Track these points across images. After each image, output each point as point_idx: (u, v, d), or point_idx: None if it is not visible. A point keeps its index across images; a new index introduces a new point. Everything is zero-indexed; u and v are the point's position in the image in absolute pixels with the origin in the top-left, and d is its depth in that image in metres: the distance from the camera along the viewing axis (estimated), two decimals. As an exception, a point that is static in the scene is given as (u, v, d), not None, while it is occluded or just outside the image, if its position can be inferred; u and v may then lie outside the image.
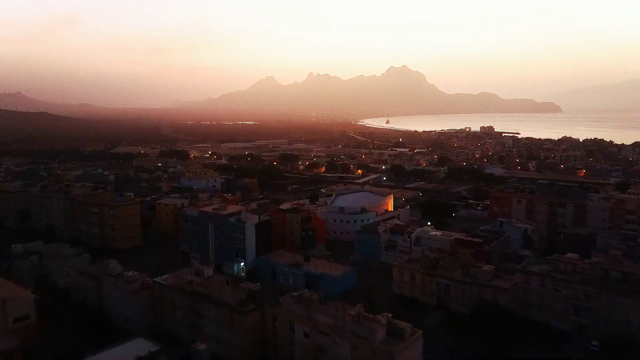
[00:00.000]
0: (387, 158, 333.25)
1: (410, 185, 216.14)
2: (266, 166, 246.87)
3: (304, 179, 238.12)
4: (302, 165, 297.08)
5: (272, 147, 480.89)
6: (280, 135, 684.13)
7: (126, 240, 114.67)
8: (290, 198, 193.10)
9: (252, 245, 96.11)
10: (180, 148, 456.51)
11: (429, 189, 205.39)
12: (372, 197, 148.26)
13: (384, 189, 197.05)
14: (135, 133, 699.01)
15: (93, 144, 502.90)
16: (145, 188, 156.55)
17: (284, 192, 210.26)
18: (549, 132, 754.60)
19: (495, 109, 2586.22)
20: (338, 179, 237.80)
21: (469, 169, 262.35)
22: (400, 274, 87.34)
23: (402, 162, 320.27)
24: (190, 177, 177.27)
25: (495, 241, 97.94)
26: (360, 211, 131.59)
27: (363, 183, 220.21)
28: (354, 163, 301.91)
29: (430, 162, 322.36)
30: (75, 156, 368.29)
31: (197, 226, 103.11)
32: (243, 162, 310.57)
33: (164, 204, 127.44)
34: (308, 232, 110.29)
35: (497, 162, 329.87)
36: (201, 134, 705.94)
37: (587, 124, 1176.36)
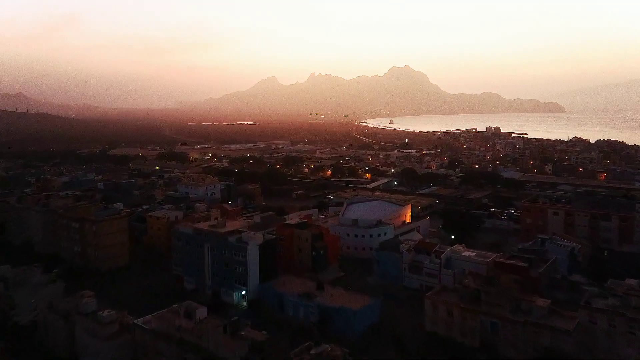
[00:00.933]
0: (396, 160, 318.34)
1: (423, 191, 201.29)
2: (269, 170, 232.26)
3: (309, 183, 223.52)
4: (307, 168, 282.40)
5: (274, 149, 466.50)
6: (282, 136, 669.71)
7: (111, 260, 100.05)
8: (296, 205, 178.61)
9: (255, 271, 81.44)
10: (180, 149, 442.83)
11: (444, 195, 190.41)
12: (387, 207, 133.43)
13: (397, 196, 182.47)
14: (136, 134, 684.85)
15: (91, 145, 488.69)
16: (138, 197, 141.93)
17: (289, 199, 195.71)
18: (557, 133, 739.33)
19: (498, 109, 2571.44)
20: (346, 183, 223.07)
21: (485, 172, 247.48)
22: (434, 307, 72.57)
23: (411, 165, 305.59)
24: (187, 183, 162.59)
25: (543, 265, 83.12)
26: (376, 224, 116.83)
27: (373, 188, 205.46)
28: (361, 166, 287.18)
29: (441, 165, 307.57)
30: (71, 158, 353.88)
31: (192, 246, 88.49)
32: (245, 165, 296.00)
33: (155, 217, 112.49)
34: (319, 251, 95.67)
35: (510, 164, 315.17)
36: (202, 134, 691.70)
37: (593, 124, 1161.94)
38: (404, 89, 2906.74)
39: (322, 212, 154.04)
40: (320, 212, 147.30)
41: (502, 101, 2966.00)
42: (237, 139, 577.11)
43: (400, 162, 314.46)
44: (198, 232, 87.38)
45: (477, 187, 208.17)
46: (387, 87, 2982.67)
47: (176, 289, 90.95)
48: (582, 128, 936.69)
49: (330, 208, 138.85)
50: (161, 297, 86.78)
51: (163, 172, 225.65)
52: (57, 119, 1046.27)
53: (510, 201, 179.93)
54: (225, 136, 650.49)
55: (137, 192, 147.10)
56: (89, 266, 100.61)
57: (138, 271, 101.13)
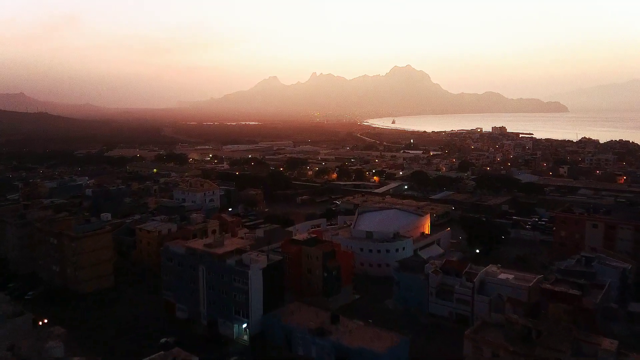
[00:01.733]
0: (403, 162, 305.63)
1: (436, 197, 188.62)
2: (272, 173, 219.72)
3: (314, 188, 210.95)
4: (311, 170, 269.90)
5: (276, 149, 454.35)
6: (284, 136, 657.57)
7: (93, 280, 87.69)
8: (301, 212, 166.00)
9: (258, 299, 68.96)
10: (179, 150, 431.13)
11: (460, 201, 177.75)
12: (404, 217, 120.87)
13: (409, 202, 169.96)
14: (136, 134, 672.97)
15: (90, 146, 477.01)
16: (129, 205, 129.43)
17: (293, 204, 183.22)
18: (563, 133, 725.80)
19: (500, 109, 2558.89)
20: (353, 187, 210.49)
21: (499, 176, 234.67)
22: (475, 348, 60.08)
23: (419, 167, 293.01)
24: (184, 189, 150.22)
25: (597, 292, 70.57)
26: (393, 237, 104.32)
27: (383, 193, 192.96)
28: (367, 168, 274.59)
29: (451, 167, 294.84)
30: (67, 160, 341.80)
31: (184, 268, 76.07)
32: (246, 167, 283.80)
33: (145, 231, 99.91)
34: (332, 272, 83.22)
35: (523, 166, 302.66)
36: (203, 135, 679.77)
37: (598, 124, 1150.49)
38: (406, 89, 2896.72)
39: (330, 221, 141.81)
40: (328, 220, 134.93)
41: (505, 101, 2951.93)
42: (239, 140, 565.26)
43: (407, 164, 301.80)
44: (191, 252, 74.90)
45: (492, 191, 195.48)
46: (388, 86, 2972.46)
47: (167, 318, 78.62)
48: (589, 128, 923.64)
49: (340, 218, 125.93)
50: (149, 328, 74.49)
51: (159, 175, 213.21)
52: (57, 119, 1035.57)
53: (531, 208, 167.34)
54: (226, 136, 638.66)
55: (129, 200, 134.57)
56: (69, 287, 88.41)
57: (124, 294, 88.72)
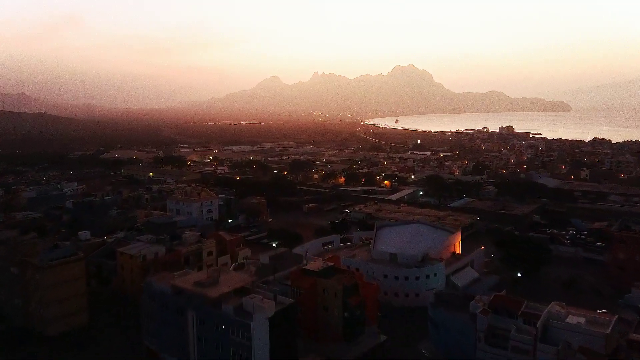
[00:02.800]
0: (414, 164, 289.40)
1: (455, 204, 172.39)
2: (275, 178, 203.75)
3: (321, 193, 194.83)
4: (317, 174, 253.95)
5: (279, 151, 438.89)
6: (286, 137, 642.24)
7: (62, 319, 71.87)
8: (309, 223, 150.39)
9: (264, 357, 52.95)
10: (179, 152, 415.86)
11: (482, 209, 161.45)
12: (431, 234, 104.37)
13: (428, 212, 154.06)
14: (136, 134, 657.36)
15: (87, 147, 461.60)
16: (115, 219, 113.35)
17: (299, 213, 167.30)
18: (572, 132, 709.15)
19: (504, 108, 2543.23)
20: (363, 193, 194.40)
21: (520, 180, 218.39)
22: None
23: (430, 169, 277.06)
24: (179, 198, 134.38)
25: None
26: (421, 260, 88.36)
27: (397, 200, 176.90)
28: (376, 171, 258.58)
29: (464, 170, 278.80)
30: (61, 162, 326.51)
31: (170, 312, 60.11)
32: (247, 170, 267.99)
33: (127, 255, 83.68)
34: (354, 311, 67.20)
35: (540, 169, 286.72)
36: (204, 135, 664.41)
37: (605, 123, 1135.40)
38: (408, 88, 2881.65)
39: (343, 234, 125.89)
40: (341, 235, 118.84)
41: (508, 100, 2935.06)
42: (240, 140, 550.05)
43: (418, 166, 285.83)
44: (178, 291, 58.87)
45: (516, 198, 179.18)
46: (391, 86, 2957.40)
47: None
48: (598, 128, 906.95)
49: (355, 234, 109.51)
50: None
51: (153, 182, 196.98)
52: (56, 119, 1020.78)
53: (564, 218, 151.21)
54: (227, 137, 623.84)
55: (115, 212, 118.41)
56: (34, 328, 72.62)
57: (101, 335, 72.80)
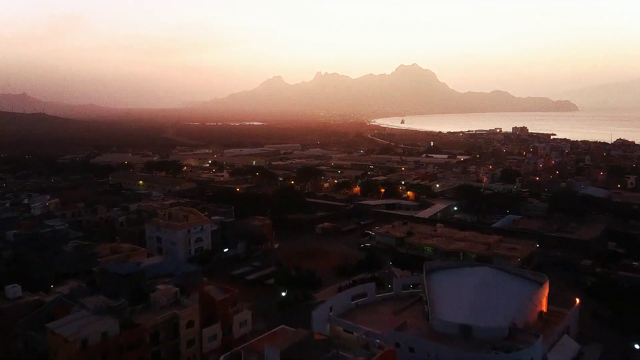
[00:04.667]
0: (435, 170, 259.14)
1: (500, 224, 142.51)
2: (282, 190, 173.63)
3: (336, 208, 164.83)
4: (327, 182, 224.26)
5: (283, 154, 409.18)
6: (291, 138, 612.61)
7: None
8: (326, 251, 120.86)
9: None
10: (177, 155, 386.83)
11: (536, 232, 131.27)
12: (508, 285, 73.11)
13: (472, 235, 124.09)
14: (135, 136, 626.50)
15: (81, 149, 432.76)
16: (70, 257, 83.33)
17: (312, 236, 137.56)
18: (587, 133, 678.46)
19: (509, 108, 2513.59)
20: (386, 208, 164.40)
21: (565, 190, 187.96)
22: None
23: (455, 176, 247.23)
24: (160, 223, 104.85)
25: None
26: (508, 334, 58.69)
27: (430, 219, 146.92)
28: (394, 178, 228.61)
29: (492, 177, 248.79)
30: (48, 167, 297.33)
31: None
32: (249, 178, 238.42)
33: (60, 338, 52.69)
34: None
35: (576, 176, 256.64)
36: (205, 136, 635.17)
37: (616, 124, 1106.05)
38: (412, 88, 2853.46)
39: (373, 272, 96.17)
40: (377, 280, 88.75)
41: (513, 100, 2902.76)
42: (242, 142, 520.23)
43: (441, 172, 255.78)
44: None
45: (571, 216, 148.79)
46: (395, 85, 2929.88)
47: None
48: (612, 128, 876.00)
49: (396, 281, 79.09)
50: None
51: (136, 196, 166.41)
52: (55, 120, 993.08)
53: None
54: (229, 138, 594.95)
55: (72, 245, 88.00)
56: None
57: None
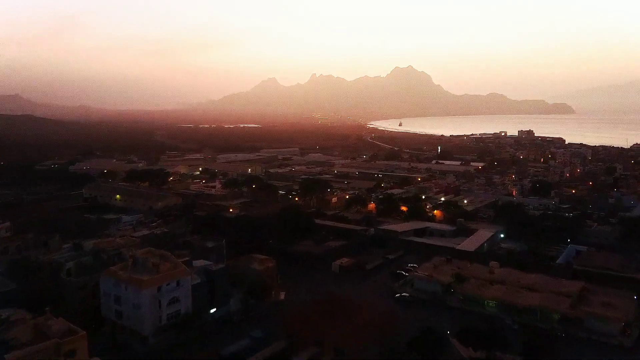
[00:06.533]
0: (457, 182, 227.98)
1: (563, 260, 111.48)
2: (285, 211, 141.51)
3: (352, 234, 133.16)
4: (336, 197, 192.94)
5: (282, 159, 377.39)
6: (288, 141, 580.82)
7: None
8: (350, 304, 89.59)
9: None
10: (165, 161, 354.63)
11: (622, 276, 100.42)
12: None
13: (542, 281, 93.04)
14: (124, 138, 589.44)
15: (66, 153, 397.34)
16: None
17: (327, 277, 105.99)
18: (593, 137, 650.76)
19: (505, 110, 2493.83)
20: (414, 234, 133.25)
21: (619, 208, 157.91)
22: None
23: (481, 189, 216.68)
24: (121, 276, 72.98)
25: None
26: None
27: (476, 253, 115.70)
28: (412, 191, 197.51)
29: (522, 189, 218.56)
30: (22, 175, 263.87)
31: None
32: (245, 191, 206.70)
33: None
34: None
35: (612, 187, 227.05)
36: (198, 139, 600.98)
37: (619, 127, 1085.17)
38: (408, 90, 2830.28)
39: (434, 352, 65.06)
40: None
41: (509, 102, 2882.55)
42: (237, 146, 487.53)
43: (463, 184, 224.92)
44: None
45: None
46: (390, 88, 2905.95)
47: None
48: (619, 132, 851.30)
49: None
50: None
51: (100, 222, 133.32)
52: (43, 122, 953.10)
53: None
54: (223, 141, 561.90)
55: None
56: None
57: None
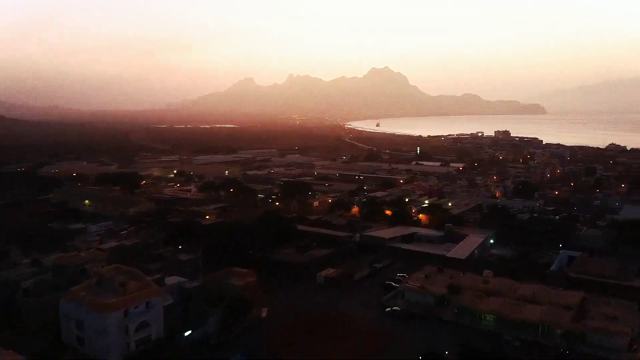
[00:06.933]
0: (441, 185, 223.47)
1: (557, 267, 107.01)
2: (265, 216, 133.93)
3: (337, 240, 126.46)
4: (318, 200, 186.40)
5: (260, 161, 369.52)
6: (265, 142, 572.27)
7: None
8: (339, 321, 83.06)
9: None
10: (139, 163, 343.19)
11: (621, 286, 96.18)
12: None
13: (543, 292, 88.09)
14: (97, 140, 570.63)
15: (35, 156, 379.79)
16: None
17: (312, 289, 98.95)
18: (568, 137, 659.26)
19: (479, 111, 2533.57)
20: (401, 240, 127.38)
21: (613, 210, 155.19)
22: None
23: (464, 191, 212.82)
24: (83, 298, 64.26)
25: None
26: None
27: (467, 262, 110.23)
28: (396, 194, 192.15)
29: (505, 190, 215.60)
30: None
31: None
32: (222, 195, 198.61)
33: None
34: None
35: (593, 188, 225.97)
36: (174, 140, 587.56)
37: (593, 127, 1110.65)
38: (385, 91, 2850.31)
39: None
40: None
41: (483, 103, 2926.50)
42: (213, 146, 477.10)
43: (446, 186, 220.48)
44: None
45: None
46: (367, 89, 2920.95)
47: None
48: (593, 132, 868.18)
49: None
50: None
51: (65, 233, 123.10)
52: (13, 123, 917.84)
53: None
54: (199, 141, 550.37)
55: None
56: None
57: None
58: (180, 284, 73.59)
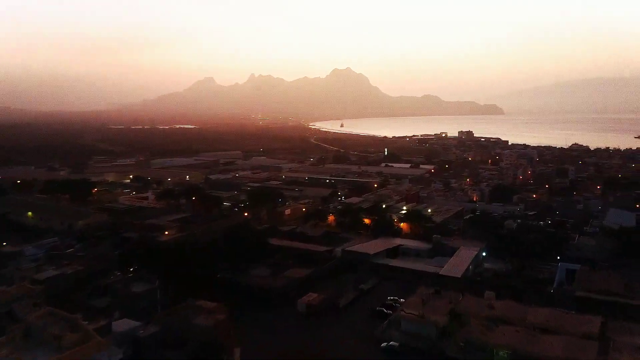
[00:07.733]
0: (415, 188, 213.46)
1: (558, 284, 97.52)
2: (233, 231, 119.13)
3: (315, 259, 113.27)
4: (290, 209, 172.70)
5: (223, 164, 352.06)
6: (228, 143, 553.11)
7: None
8: (322, 354, 69.76)
9: None
10: (92, 167, 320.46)
11: (628, 304, 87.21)
12: None
13: (552, 313, 77.48)
14: (49, 142, 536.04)
15: None
16: None
17: (293, 322, 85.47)
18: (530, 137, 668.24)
19: (439, 111, 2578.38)
20: (387, 255, 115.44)
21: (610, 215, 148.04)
22: None
23: (441, 195, 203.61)
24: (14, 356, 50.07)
25: None
26: None
27: (463, 279, 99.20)
28: (372, 200, 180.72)
29: (482, 193, 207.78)
30: None
31: None
32: (183, 204, 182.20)
33: None
34: None
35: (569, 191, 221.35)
36: (130, 141, 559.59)
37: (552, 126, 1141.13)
38: (346, 92, 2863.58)
39: None
40: None
41: (443, 103, 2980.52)
42: (173, 148, 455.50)
43: (421, 190, 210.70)
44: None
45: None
46: (329, 89, 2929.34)
47: None
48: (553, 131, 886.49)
49: None
50: None
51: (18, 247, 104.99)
52: None
53: None
54: (158, 143, 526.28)
55: None
56: None
57: None
58: (133, 331, 58.86)
